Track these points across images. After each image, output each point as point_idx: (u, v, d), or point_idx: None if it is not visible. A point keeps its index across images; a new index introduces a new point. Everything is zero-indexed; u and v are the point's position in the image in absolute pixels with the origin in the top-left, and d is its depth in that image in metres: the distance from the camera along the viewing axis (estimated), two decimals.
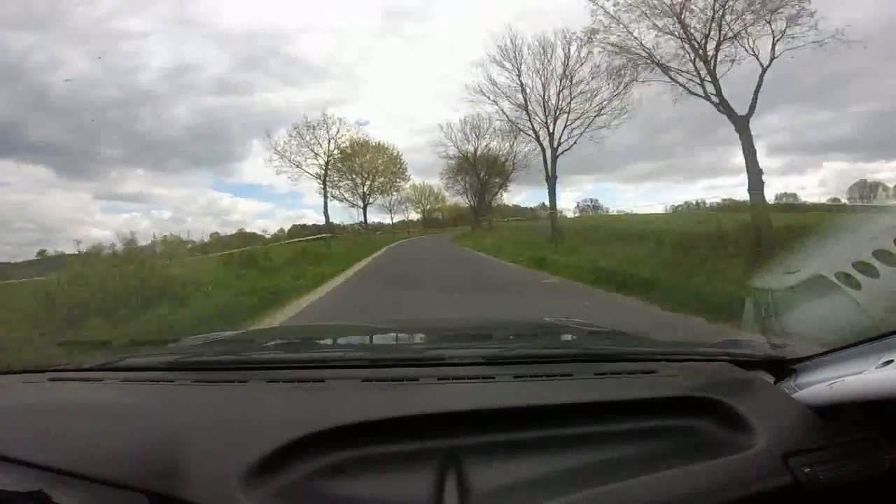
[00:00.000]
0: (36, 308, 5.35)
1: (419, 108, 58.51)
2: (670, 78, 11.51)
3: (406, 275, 10.56)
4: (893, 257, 0.70)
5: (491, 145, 26.67)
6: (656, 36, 11.36)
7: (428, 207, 43.42)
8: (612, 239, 12.36)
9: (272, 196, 71.43)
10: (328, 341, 1.52)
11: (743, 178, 10.49)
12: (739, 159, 10.57)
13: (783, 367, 0.82)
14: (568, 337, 1.53)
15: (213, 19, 48.05)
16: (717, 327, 3.65)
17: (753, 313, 1.12)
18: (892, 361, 0.61)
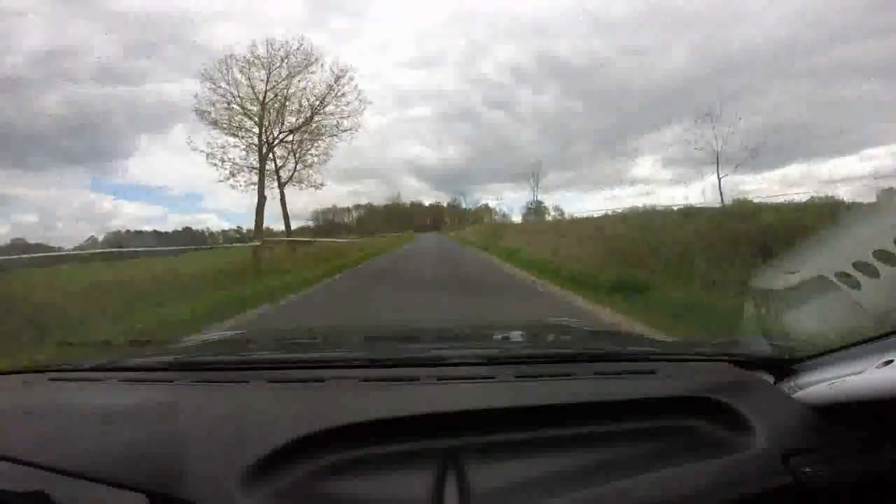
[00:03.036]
0: None
1: None
2: None
3: None
4: (893, 257, 0.70)
5: None
6: None
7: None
8: None
9: (165, 198, 65.54)
10: (328, 341, 1.52)
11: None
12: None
13: (783, 367, 0.82)
14: (568, 337, 1.53)
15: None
16: None
17: (753, 313, 1.12)
18: (892, 361, 0.61)
